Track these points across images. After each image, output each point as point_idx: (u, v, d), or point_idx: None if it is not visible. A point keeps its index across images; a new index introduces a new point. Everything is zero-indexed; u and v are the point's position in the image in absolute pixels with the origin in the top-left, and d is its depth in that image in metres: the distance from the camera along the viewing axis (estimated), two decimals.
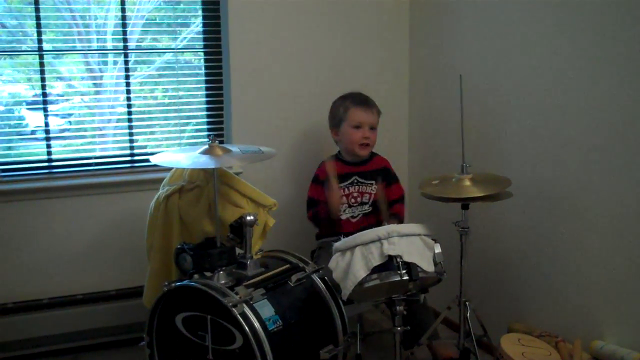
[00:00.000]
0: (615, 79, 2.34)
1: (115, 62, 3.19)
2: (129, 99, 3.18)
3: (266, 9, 3.21)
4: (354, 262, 2.23)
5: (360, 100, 2.96)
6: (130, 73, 3.18)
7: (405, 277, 2.18)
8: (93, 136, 3.21)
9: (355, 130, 2.94)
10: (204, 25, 3.25)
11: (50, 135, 3.08)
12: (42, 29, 2.98)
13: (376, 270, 2.20)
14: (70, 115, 3.24)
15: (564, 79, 2.55)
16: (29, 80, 3.08)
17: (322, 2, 3.32)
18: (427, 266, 2.24)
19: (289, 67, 3.30)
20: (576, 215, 2.54)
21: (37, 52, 3.00)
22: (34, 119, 3.12)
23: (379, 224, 2.88)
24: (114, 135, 3.23)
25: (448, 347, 2.71)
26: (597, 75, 2.40)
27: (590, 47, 2.42)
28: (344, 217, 2.95)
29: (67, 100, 3.22)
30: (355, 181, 2.97)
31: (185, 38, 3.27)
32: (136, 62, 3.22)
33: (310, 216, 2.99)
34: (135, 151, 3.22)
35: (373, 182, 2.97)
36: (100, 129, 3.23)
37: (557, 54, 2.57)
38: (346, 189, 2.96)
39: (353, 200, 2.96)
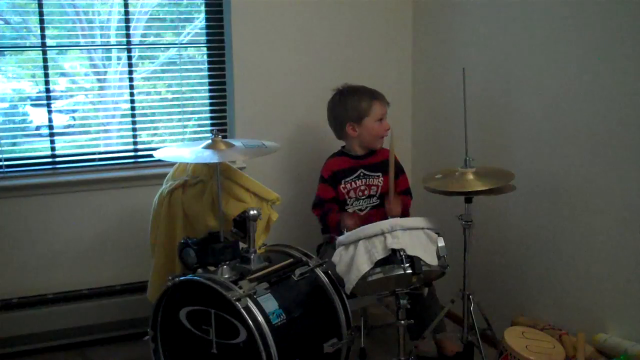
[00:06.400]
0: (620, 72, 2.33)
1: (118, 58, 3.20)
2: (132, 94, 3.19)
3: (269, 4, 3.20)
4: (357, 255, 2.23)
5: (376, 93, 2.95)
6: (133, 69, 3.18)
7: (409, 271, 2.18)
8: (97, 132, 3.22)
9: (379, 124, 2.92)
10: (207, 20, 3.24)
11: (54, 131, 3.09)
12: (45, 25, 2.98)
13: (379, 264, 2.21)
14: (74, 111, 3.25)
15: (568, 72, 2.54)
16: (33, 76, 3.09)
17: None
18: (431, 260, 2.24)
19: (292, 61, 3.30)
20: (580, 209, 2.53)
21: (40, 48, 3.00)
22: (38, 116, 3.12)
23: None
24: (118, 130, 3.24)
25: (452, 341, 2.72)
26: (601, 68, 2.40)
27: (595, 40, 2.41)
28: (350, 210, 2.94)
29: (70, 96, 3.23)
30: (362, 174, 2.96)
31: (188, 34, 3.27)
32: (140, 57, 3.23)
33: (318, 214, 2.97)
34: (139, 146, 3.23)
35: (379, 174, 2.96)
36: (104, 124, 3.24)
37: (562, 46, 2.56)
38: (353, 183, 2.95)
39: (360, 193, 2.96)
